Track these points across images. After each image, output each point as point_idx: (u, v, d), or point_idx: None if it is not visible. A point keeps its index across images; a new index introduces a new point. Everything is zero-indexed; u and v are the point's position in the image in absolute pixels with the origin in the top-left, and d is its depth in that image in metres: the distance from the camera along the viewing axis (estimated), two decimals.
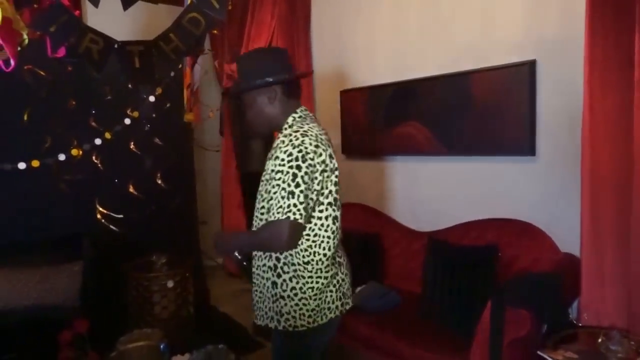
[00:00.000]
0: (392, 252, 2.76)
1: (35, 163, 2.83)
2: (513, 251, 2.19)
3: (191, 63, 2.96)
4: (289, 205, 1.35)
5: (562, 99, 2.17)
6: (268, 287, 1.52)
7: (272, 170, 1.41)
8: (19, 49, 1.96)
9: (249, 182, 4.18)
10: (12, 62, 1.91)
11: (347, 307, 1.60)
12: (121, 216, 3.07)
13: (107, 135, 3.01)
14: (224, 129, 4.15)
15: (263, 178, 1.52)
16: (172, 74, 3.15)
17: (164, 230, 3.16)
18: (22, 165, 2.81)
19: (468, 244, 2.33)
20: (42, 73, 2.80)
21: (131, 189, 3.13)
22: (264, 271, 1.53)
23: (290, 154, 1.38)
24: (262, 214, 1.51)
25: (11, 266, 2.63)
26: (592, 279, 1.90)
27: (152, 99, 3.12)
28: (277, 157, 1.40)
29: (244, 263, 1.61)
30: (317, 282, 1.48)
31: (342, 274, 1.58)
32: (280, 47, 3.33)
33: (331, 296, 1.52)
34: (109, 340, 2.03)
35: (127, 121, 3.07)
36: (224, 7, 2.16)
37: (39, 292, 2.60)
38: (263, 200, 1.50)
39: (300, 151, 1.38)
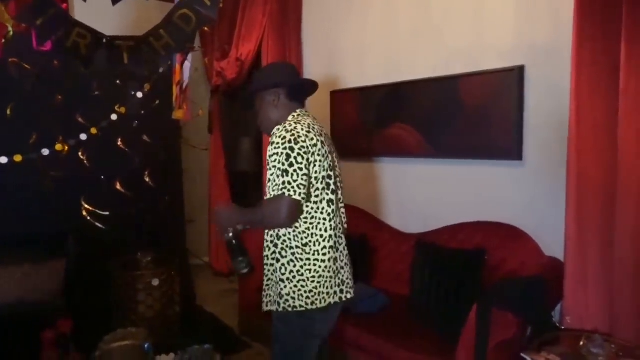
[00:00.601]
0: (381, 253, 2.77)
1: (18, 158, 2.77)
2: (500, 254, 2.22)
3: (181, 60, 2.92)
4: (283, 182, 1.48)
5: (549, 105, 2.20)
6: (272, 272, 1.63)
7: (270, 156, 1.53)
8: (3, 41, 1.92)
9: (238, 180, 4.17)
10: None
11: (349, 295, 1.65)
12: (107, 213, 3.03)
13: (93, 131, 2.96)
14: (212, 127, 4.12)
15: (267, 168, 1.61)
16: (162, 70, 3.11)
17: (150, 228, 3.11)
18: (3, 160, 2.75)
19: (456, 247, 2.35)
20: (27, 66, 2.74)
21: (118, 186, 3.08)
22: (272, 258, 1.62)
23: (284, 138, 1.52)
24: None
25: None
26: (576, 282, 1.92)
27: (140, 95, 3.08)
28: (272, 143, 1.54)
29: (233, 242, 1.62)
30: (314, 264, 1.56)
31: (342, 261, 1.64)
32: (273, 46, 3.38)
33: (330, 281, 1.58)
34: (93, 339, 2.00)
35: (114, 117, 3.02)
36: (215, 4, 2.15)
37: (22, 290, 2.55)
38: (269, 189, 1.58)
39: (292, 135, 1.52)
